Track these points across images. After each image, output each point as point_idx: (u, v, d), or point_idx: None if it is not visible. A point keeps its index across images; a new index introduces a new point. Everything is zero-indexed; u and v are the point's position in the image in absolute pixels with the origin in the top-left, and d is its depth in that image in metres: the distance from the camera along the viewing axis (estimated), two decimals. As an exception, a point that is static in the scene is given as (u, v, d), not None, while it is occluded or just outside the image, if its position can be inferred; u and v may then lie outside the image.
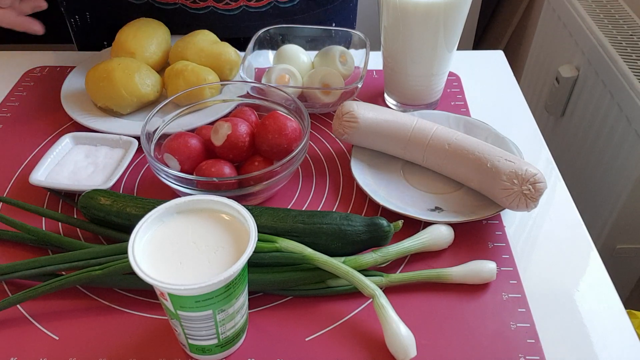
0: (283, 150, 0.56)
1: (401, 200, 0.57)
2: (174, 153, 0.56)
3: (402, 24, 0.62)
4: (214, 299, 0.40)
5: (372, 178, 0.60)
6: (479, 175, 0.54)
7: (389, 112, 0.61)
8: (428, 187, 0.59)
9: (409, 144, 0.59)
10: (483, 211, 0.55)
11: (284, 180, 0.57)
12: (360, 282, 0.47)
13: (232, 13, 0.78)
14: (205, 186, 0.53)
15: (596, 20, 1.12)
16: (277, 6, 0.79)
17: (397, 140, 0.59)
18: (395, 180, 0.60)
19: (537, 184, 0.51)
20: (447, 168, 0.58)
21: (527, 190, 0.51)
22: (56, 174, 0.59)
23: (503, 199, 0.53)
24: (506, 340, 0.47)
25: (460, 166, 0.56)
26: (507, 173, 0.52)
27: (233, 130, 0.56)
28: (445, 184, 0.59)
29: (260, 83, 0.67)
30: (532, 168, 0.52)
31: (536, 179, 0.51)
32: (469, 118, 0.65)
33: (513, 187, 0.51)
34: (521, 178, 0.51)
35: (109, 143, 0.63)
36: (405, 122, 0.59)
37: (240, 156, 0.58)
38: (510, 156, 0.54)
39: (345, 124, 0.60)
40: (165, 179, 0.54)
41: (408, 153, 0.60)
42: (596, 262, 0.54)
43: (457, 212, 0.55)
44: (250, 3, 0.78)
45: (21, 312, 0.49)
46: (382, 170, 0.61)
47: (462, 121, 0.65)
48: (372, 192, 0.57)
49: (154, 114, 0.58)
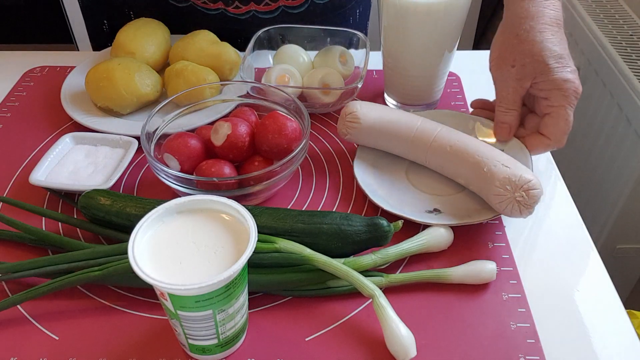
0: (283, 150, 0.56)
1: (400, 201, 0.57)
2: (174, 153, 0.56)
3: (402, 24, 0.62)
4: (214, 299, 0.40)
5: (373, 178, 0.60)
6: (477, 179, 0.54)
7: (394, 112, 0.61)
8: (430, 189, 0.59)
9: (412, 144, 0.59)
10: (479, 215, 0.54)
11: (284, 180, 0.57)
12: (360, 282, 0.47)
13: (242, 17, 0.79)
14: (205, 186, 0.53)
15: (596, 20, 1.12)
16: (286, 12, 0.80)
17: (400, 140, 0.59)
18: (397, 180, 0.60)
19: (531, 191, 0.50)
20: (448, 170, 0.58)
21: (520, 197, 0.50)
22: (56, 174, 0.59)
23: (497, 205, 0.52)
24: (506, 340, 0.47)
25: (460, 169, 0.56)
26: (500, 178, 0.51)
27: (233, 130, 0.56)
28: (448, 186, 0.59)
29: (260, 83, 0.67)
30: (528, 174, 0.51)
31: (530, 185, 0.50)
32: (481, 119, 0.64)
33: (506, 193, 0.51)
34: (514, 184, 0.50)
35: (109, 143, 0.63)
36: (409, 123, 0.59)
37: (240, 156, 0.58)
38: (509, 161, 0.53)
39: (348, 124, 0.60)
40: (165, 179, 0.54)
41: (411, 153, 0.60)
42: (596, 262, 0.54)
43: (455, 215, 0.55)
44: (259, 7, 0.78)
45: (21, 312, 0.49)
46: (385, 170, 0.61)
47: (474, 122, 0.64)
48: (371, 192, 0.57)
49: (154, 114, 0.58)
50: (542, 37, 0.56)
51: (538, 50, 0.55)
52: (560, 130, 0.56)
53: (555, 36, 0.56)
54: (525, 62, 0.56)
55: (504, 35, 0.59)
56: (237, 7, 0.77)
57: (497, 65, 0.59)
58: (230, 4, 0.77)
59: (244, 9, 0.78)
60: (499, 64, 0.59)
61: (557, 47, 0.56)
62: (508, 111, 0.59)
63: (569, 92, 0.55)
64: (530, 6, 0.57)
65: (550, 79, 0.55)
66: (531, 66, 0.56)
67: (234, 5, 0.76)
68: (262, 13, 0.79)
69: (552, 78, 0.55)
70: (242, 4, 0.77)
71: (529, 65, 0.56)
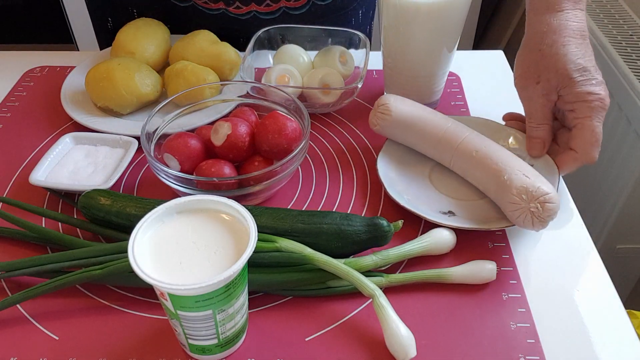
0: (283, 150, 0.56)
1: (416, 197, 0.57)
2: (173, 153, 0.56)
3: (402, 24, 0.62)
4: (214, 299, 0.40)
5: (395, 172, 0.60)
6: (496, 186, 0.53)
7: (426, 110, 0.61)
8: (449, 191, 0.59)
9: (439, 144, 0.58)
10: (492, 223, 0.53)
11: (284, 180, 0.57)
12: (360, 282, 0.47)
13: (243, 17, 0.79)
14: (205, 186, 0.53)
15: (596, 21, 1.12)
16: (287, 13, 0.80)
17: (428, 138, 0.59)
18: (419, 178, 0.60)
19: (547, 204, 0.49)
20: (471, 175, 0.57)
21: (534, 208, 0.49)
22: (56, 174, 0.59)
23: (510, 213, 0.51)
24: (506, 340, 0.47)
25: (482, 174, 0.55)
26: (518, 187, 0.50)
27: (233, 130, 0.56)
28: (469, 192, 0.58)
29: (260, 83, 0.67)
30: (547, 187, 0.50)
31: (547, 198, 0.49)
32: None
33: (521, 202, 0.50)
34: (531, 195, 0.50)
35: (109, 143, 0.63)
36: (439, 122, 0.59)
37: (240, 156, 0.58)
38: (531, 172, 0.52)
39: (379, 115, 0.60)
40: (165, 179, 0.54)
41: (437, 153, 0.59)
42: (596, 262, 0.54)
43: (468, 219, 0.54)
44: (260, 8, 0.78)
45: (21, 312, 0.49)
46: (409, 167, 0.61)
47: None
48: (389, 185, 0.57)
49: (154, 114, 0.58)
50: (566, 50, 0.55)
51: (562, 65, 0.55)
52: (587, 142, 0.55)
53: (579, 48, 0.55)
54: (550, 76, 0.55)
55: (526, 51, 0.58)
56: (238, 7, 0.77)
57: (522, 83, 0.58)
58: (232, 4, 0.77)
59: (244, 10, 0.77)
60: (524, 82, 0.58)
61: (581, 60, 0.55)
62: (539, 126, 0.58)
63: (594, 103, 0.54)
64: (552, 20, 0.56)
65: (574, 92, 0.54)
66: (555, 80, 0.55)
67: (235, 5, 0.76)
68: (263, 14, 0.79)
69: (576, 91, 0.54)
70: (243, 4, 0.77)
71: (553, 79, 0.55)
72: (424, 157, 0.62)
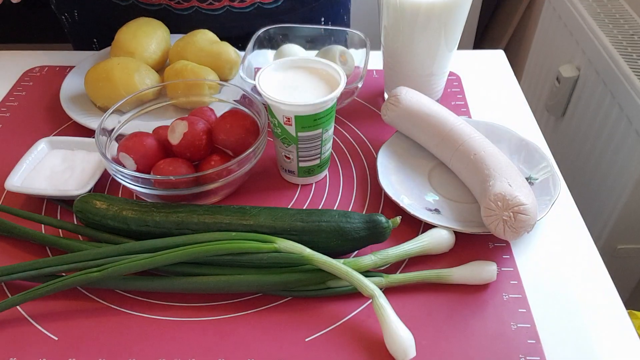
0: (240, 140, 0.56)
1: (406, 190, 0.58)
2: (129, 152, 0.55)
3: (402, 24, 0.62)
4: (323, 118, 0.54)
5: (394, 163, 0.61)
6: (480, 190, 0.53)
7: (436, 106, 0.61)
8: (444, 191, 0.59)
9: (442, 142, 0.58)
10: (474, 227, 0.53)
11: (241, 177, 0.56)
12: (360, 283, 0.46)
13: (216, 13, 0.78)
14: (162, 185, 0.52)
15: (597, 20, 1.12)
16: (260, 7, 0.80)
17: (432, 134, 0.59)
18: (417, 174, 0.60)
19: (520, 215, 0.48)
20: (464, 176, 0.57)
21: (507, 216, 0.48)
22: (32, 179, 0.59)
23: (485, 219, 0.50)
24: (507, 340, 0.46)
25: (473, 178, 0.55)
26: (496, 194, 0.49)
27: (190, 129, 0.56)
28: (463, 195, 0.58)
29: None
30: (526, 198, 0.49)
31: (521, 209, 0.48)
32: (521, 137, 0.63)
33: (495, 209, 0.49)
34: (507, 203, 0.48)
35: (86, 147, 0.62)
36: (445, 120, 0.59)
37: (198, 154, 0.57)
38: (517, 182, 0.51)
39: (388, 105, 0.62)
40: (121, 179, 0.53)
41: (439, 151, 0.60)
42: (597, 262, 0.54)
43: (453, 219, 0.54)
44: (234, 3, 0.78)
45: (21, 313, 0.49)
46: (410, 161, 0.62)
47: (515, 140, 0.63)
48: (383, 174, 0.58)
49: (109, 113, 0.57)
50: None
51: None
52: None
53: None
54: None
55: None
56: (210, 4, 0.77)
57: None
58: (204, 0, 0.77)
59: (217, 5, 0.77)
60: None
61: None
62: None
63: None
64: None
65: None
66: None
67: (208, 1, 0.76)
68: (237, 8, 0.79)
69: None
70: (215, 1, 0.77)
71: None
72: (428, 155, 0.62)
